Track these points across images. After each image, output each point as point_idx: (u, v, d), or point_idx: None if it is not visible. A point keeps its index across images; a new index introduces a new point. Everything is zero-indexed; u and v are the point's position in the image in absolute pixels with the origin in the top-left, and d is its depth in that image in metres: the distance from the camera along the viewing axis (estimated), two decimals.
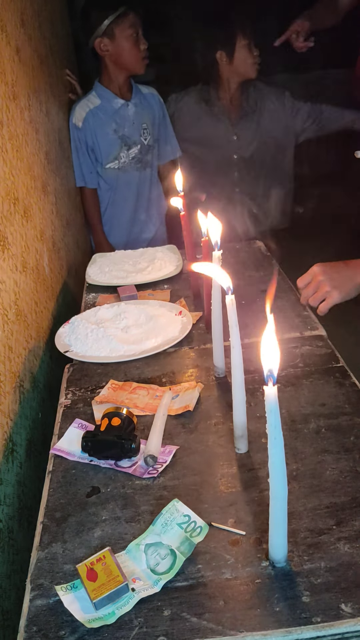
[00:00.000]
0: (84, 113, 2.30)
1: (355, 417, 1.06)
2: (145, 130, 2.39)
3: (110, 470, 1.00)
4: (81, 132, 2.31)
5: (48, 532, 0.89)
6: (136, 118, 2.36)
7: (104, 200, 2.45)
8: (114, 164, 2.37)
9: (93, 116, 2.30)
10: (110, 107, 2.32)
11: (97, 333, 1.38)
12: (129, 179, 2.42)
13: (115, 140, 2.35)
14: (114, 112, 2.33)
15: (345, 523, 0.84)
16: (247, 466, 0.98)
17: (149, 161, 2.44)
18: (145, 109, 2.40)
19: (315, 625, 0.71)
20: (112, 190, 2.43)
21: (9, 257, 1.27)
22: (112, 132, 2.34)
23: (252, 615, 0.73)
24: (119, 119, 2.34)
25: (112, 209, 2.47)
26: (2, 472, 1.09)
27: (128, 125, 2.35)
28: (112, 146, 2.35)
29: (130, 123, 2.35)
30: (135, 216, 2.48)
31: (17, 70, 1.49)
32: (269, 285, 0.73)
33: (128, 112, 2.34)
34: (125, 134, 2.35)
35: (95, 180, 2.41)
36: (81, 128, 2.30)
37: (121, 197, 2.44)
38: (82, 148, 2.33)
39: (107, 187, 2.42)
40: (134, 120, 2.35)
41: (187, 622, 0.73)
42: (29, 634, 0.74)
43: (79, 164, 2.35)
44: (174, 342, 1.36)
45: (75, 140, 2.32)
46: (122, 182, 2.42)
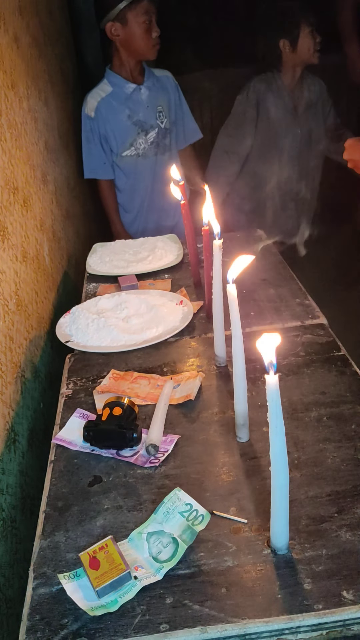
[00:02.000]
0: (96, 102, 2.23)
1: (356, 405, 1.06)
2: (161, 113, 2.30)
3: (112, 460, 1.00)
4: (94, 122, 2.24)
5: (50, 521, 0.89)
6: (150, 101, 2.28)
7: (124, 189, 2.38)
8: (130, 151, 2.30)
9: (105, 104, 2.23)
10: (123, 93, 2.24)
11: (97, 323, 1.38)
12: (148, 164, 2.33)
13: (131, 127, 2.27)
14: (126, 97, 2.24)
15: (346, 511, 0.85)
16: (249, 455, 0.98)
17: (167, 145, 2.36)
18: (160, 92, 2.32)
19: (317, 612, 0.71)
20: (130, 178, 2.36)
21: (9, 247, 1.27)
22: (126, 119, 2.26)
23: (254, 602, 0.73)
24: (132, 104, 2.25)
25: (131, 197, 2.40)
26: (4, 462, 1.09)
27: (142, 110, 2.27)
28: (127, 133, 2.27)
29: (144, 107, 2.27)
30: (154, 203, 2.40)
31: (15, 58, 1.48)
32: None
33: (141, 96, 2.26)
34: (140, 119, 2.27)
35: (110, 171, 2.33)
36: (94, 118, 2.23)
37: (140, 184, 2.37)
38: (94, 139, 2.27)
39: (124, 176, 2.35)
40: (148, 104, 2.27)
41: (189, 610, 0.73)
42: (32, 622, 0.74)
43: (90, 156, 2.29)
44: (175, 331, 1.36)
45: (87, 131, 2.27)
46: (140, 168, 2.34)
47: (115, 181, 2.37)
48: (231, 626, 0.71)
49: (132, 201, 2.40)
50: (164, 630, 0.71)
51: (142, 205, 2.41)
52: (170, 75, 2.37)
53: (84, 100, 2.27)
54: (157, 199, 2.39)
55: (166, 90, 2.35)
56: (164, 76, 2.36)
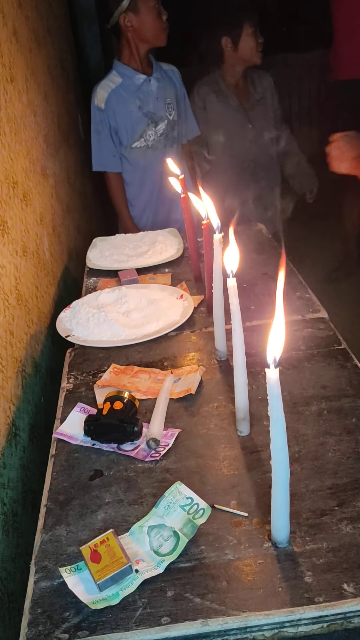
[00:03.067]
0: (106, 94, 2.20)
1: (357, 399, 1.06)
2: (169, 105, 2.30)
3: (112, 454, 1.01)
4: (104, 114, 2.21)
5: (52, 515, 0.90)
6: (160, 93, 2.27)
7: (132, 182, 2.36)
8: (140, 142, 2.28)
9: (116, 95, 2.21)
10: (133, 84, 2.22)
11: (98, 317, 1.38)
12: (158, 156, 2.29)
13: (141, 118, 2.25)
14: (136, 88, 2.23)
15: (347, 504, 0.85)
16: (249, 449, 0.98)
17: (175, 137, 2.35)
18: (168, 84, 2.31)
19: (317, 605, 0.71)
20: (139, 170, 2.33)
21: (9, 242, 1.26)
22: (137, 110, 2.24)
23: (255, 595, 0.73)
24: (143, 95, 2.24)
25: (139, 190, 2.38)
26: (5, 456, 1.09)
27: (152, 101, 2.26)
28: (137, 124, 2.25)
29: (154, 98, 2.26)
30: (163, 195, 2.37)
31: (14, 51, 1.47)
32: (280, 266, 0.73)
33: (151, 88, 2.25)
34: (150, 110, 2.26)
35: (119, 164, 2.31)
36: (104, 109, 2.20)
37: (149, 176, 2.34)
38: (104, 131, 2.24)
39: (133, 168, 2.33)
40: (158, 95, 2.26)
41: (190, 603, 0.73)
42: (34, 615, 0.74)
43: (100, 148, 2.27)
44: (176, 326, 1.36)
45: (97, 123, 2.24)
46: (149, 160, 2.31)
47: (123, 174, 2.34)
48: (232, 619, 0.71)
49: (140, 194, 2.38)
50: (165, 624, 0.71)
51: (150, 199, 2.38)
52: (176, 69, 2.37)
53: (93, 92, 2.23)
54: (166, 192, 2.31)
55: (173, 83, 2.34)
56: (170, 70, 2.35)
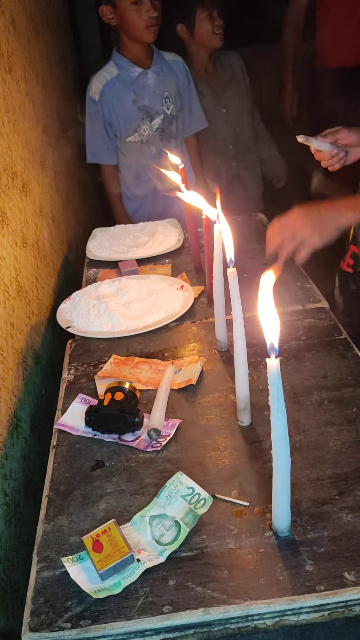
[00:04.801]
0: (101, 85, 2.14)
1: (357, 388, 1.07)
2: (167, 99, 2.23)
3: (114, 444, 1.01)
4: (98, 106, 2.16)
5: (54, 506, 0.90)
6: (157, 86, 2.20)
7: (128, 176, 2.32)
8: (134, 137, 2.23)
9: (110, 87, 2.15)
10: (128, 77, 2.16)
11: (98, 308, 1.38)
12: (153, 151, 2.24)
13: (135, 112, 2.19)
14: (132, 81, 2.16)
15: (347, 493, 0.85)
16: (250, 438, 0.98)
17: (173, 132, 2.28)
18: (168, 77, 2.23)
19: (318, 594, 0.72)
20: (134, 165, 2.28)
21: (9, 233, 1.26)
22: (131, 103, 2.18)
23: (256, 584, 0.74)
24: (138, 89, 2.17)
25: (135, 185, 2.33)
26: (7, 447, 1.10)
27: (148, 95, 2.19)
28: (131, 118, 2.19)
29: (150, 92, 2.19)
30: (165, 189, 2.34)
31: (12, 41, 1.46)
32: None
33: (147, 81, 2.18)
34: (145, 104, 2.19)
35: (113, 156, 2.27)
36: (98, 101, 2.15)
37: (144, 171, 2.29)
38: (98, 123, 2.20)
39: (128, 162, 2.28)
40: (154, 89, 2.19)
41: (192, 592, 0.74)
42: (36, 605, 0.75)
43: (94, 140, 2.23)
44: (176, 316, 1.36)
45: (90, 115, 2.20)
46: (145, 155, 2.26)
47: (120, 168, 2.31)
48: (233, 607, 0.71)
49: (136, 189, 2.34)
50: (167, 612, 0.72)
51: (147, 194, 2.34)
52: (181, 60, 2.29)
53: (89, 83, 2.19)
54: (161, 185, 2.26)
55: (175, 75, 2.27)
56: (173, 61, 2.27)
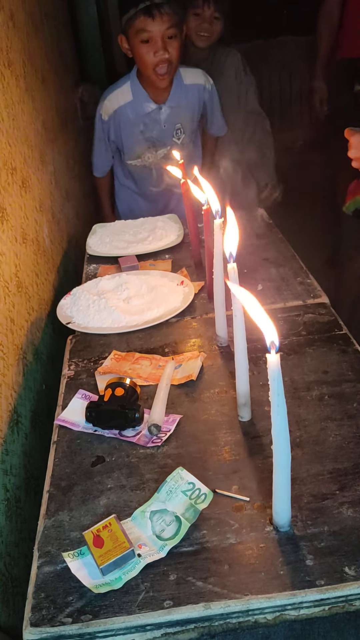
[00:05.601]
0: (112, 110, 2.06)
1: (358, 384, 1.07)
2: (178, 131, 2.13)
3: (114, 440, 1.01)
4: (105, 125, 2.10)
5: (54, 501, 0.90)
6: (169, 120, 2.09)
7: (133, 190, 2.29)
8: (137, 161, 2.16)
9: (121, 113, 2.07)
10: (141, 109, 2.06)
11: (98, 304, 1.38)
12: (156, 174, 2.18)
13: (142, 141, 2.12)
14: (144, 114, 2.07)
15: (348, 488, 0.85)
16: (251, 434, 0.98)
17: (183, 158, 2.24)
18: (183, 108, 2.11)
19: (319, 588, 0.72)
20: (133, 182, 2.26)
21: (9, 229, 1.26)
22: (139, 133, 2.10)
23: (257, 578, 0.74)
24: (149, 121, 2.08)
25: (137, 201, 2.31)
26: (7, 443, 1.10)
27: (158, 129, 2.10)
28: (137, 146, 2.12)
29: (160, 126, 2.10)
30: (156, 207, 2.27)
31: (11, 36, 1.46)
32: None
33: (160, 116, 2.08)
34: (153, 136, 2.11)
35: (109, 168, 2.25)
36: (106, 121, 2.09)
37: (146, 191, 2.26)
38: (104, 138, 2.15)
39: (133, 179, 2.25)
40: (166, 123, 2.09)
41: (192, 586, 0.74)
42: (37, 600, 0.75)
43: (100, 155, 2.19)
44: (176, 312, 1.36)
45: (98, 131, 2.14)
46: (146, 176, 2.21)
47: (120, 179, 2.29)
48: (234, 602, 0.72)
49: (130, 202, 2.33)
50: (168, 607, 0.72)
51: (149, 212, 2.25)
52: (203, 82, 2.13)
53: (102, 98, 2.10)
54: (166, 206, 2.27)
55: (193, 102, 2.14)
56: (194, 85, 2.12)
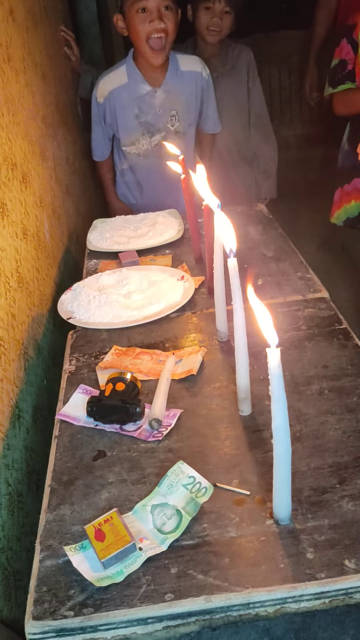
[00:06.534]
0: (107, 91, 2.08)
1: (358, 378, 1.07)
2: (173, 117, 2.13)
3: (115, 434, 1.01)
4: (101, 107, 2.12)
5: (56, 495, 0.91)
6: (164, 105, 2.10)
7: (124, 179, 2.29)
8: (131, 148, 2.18)
9: (116, 95, 2.07)
10: (136, 91, 2.07)
11: (99, 299, 1.38)
12: (151, 164, 2.20)
13: (136, 126, 2.13)
14: (138, 96, 2.07)
15: (348, 481, 0.85)
16: (251, 428, 0.99)
17: (177, 146, 2.23)
18: (179, 94, 2.11)
19: (319, 581, 0.72)
20: (129, 171, 2.26)
21: (9, 224, 1.26)
22: (133, 117, 2.11)
23: (257, 571, 0.74)
24: (143, 105, 2.09)
25: (135, 190, 2.31)
26: (9, 437, 1.10)
27: (153, 113, 2.11)
28: (131, 130, 2.14)
29: (155, 111, 2.10)
30: (160, 201, 2.22)
31: (11, 31, 1.46)
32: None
33: (155, 100, 2.08)
34: (148, 121, 2.12)
35: (109, 151, 2.25)
36: (101, 104, 2.10)
37: (142, 180, 2.26)
38: (101, 122, 2.16)
39: (130, 168, 2.25)
40: (160, 108, 2.10)
41: (193, 580, 0.74)
42: (39, 593, 0.75)
43: (99, 139, 2.20)
44: (177, 307, 1.36)
45: (95, 114, 2.15)
46: (142, 166, 2.22)
47: (123, 171, 2.29)
48: (235, 595, 0.72)
49: (136, 193, 2.33)
50: (169, 600, 0.72)
51: (145, 201, 2.30)
52: (200, 69, 2.13)
53: (98, 80, 2.12)
54: (162, 197, 2.25)
55: (190, 89, 2.14)
56: (191, 72, 2.12)
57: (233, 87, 2.47)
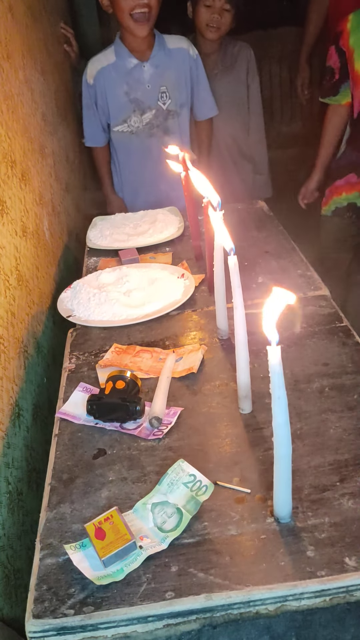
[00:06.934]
0: (95, 70, 2.10)
1: (358, 376, 1.07)
2: (164, 94, 2.13)
3: (115, 433, 1.01)
4: (91, 89, 2.13)
5: (56, 494, 0.90)
6: (153, 81, 2.11)
7: (117, 165, 2.29)
8: (122, 126, 2.17)
9: (105, 73, 2.09)
10: (124, 67, 2.09)
11: (99, 297, 1.38)
12: (141, 144, 2.19)
13: (126, 103, 2.13)
14: (126, 72, 2.09)
15: (348, 479, 0.85)
16: (252, 426, 0.99)
17: (171, 128, 2.20)
18: (168, 70, 2.12)
19: (320, 579, 0.72)
20: (122, 154, 2.25)
21: (9, 222, 1.26)
22: (123, 94, 2.12)
23: (258, 569, 0.74)
24: (132, 81, 2.10)
25: (124, 175, 2.30)
26: (9, 436, 1.10)
27: (142, 89, 2.12)
28: (122, 108, 2.14)
29: (144, 86, 2.11)
30: (150, 185, 2.27)
31: (10, 28, 1.45)
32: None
33: (143, 75, 2.10)
34: (138, 97, 2.12)
35: (106, 138, 2.25)
36: (92, 85, 2.12)
37: (132, 162, 2.26)
38: (92, 105, 2.17)
39: (116, 150, 2.25)
40: (150, 83, 2.11)
41: (194, 578, 0.74)
42: (40, 592, 0.75)
43: (90, 123, 2.20)
44: (177, 305, 1.36)
45: (86, 98, 2.16)
46: (132, 146, 2.21)
47: (112, 156, 2.30)
48: (235, 593, 0.72)
49: (126, 179, 2.32)
50: (170, 598, 0.72)
51: (135, 186, 2.31)
52: (187, 47, 2.16)
53: (87, 65, 2.15)
54: (153, 182, 2.26)
55: (178, 66, 2.15)
56: (178, 49, 2.14)
57: (232, 84, 2.46)
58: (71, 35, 2.31)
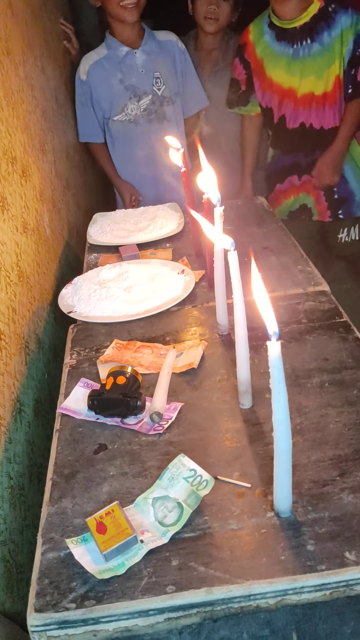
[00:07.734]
0: (88, 66, 2.18)
1: (358, 371, 1.07)
2: (158, 80, 2.21)
3: (116, 428, 1.02)
4: (85, 85, 2.20)
5: (58, 488, 0.91)
6: (146, 66, 2.19)
7: (115, 156, 2.33)
8: (121, 115, 2.23)
9: (98, 67, 2.18)
10: (116, 56, 2.18)
11: (100, 293, 1.38)
12: (140, 131, 2.25)
13: (122, 91, 2.20)
14: (119, 60, 2.18)
15: (348, 474, 0.86)
16: (252, 421, 0.99)
17: (167, 115, 2.26)
18: (159, 57, 2.21)
19: (320, 573, 0.72)
20: (121, 144, 2.29)
21: (9, 218, 1.26)
22: (118, 82, 2.19)
23: (258, 563, 0.75)
24: (125, 68, 2.18)
25: (122, 166, 2.34)
26: (11, 431, 1.10)
27: (136, 75, 2.20)
28: (118, 97, 2.21)
29: (137, 72, 2.19)
30: (149, 174, 2.32)
31: (10, 24, 1.45)
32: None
33: (135, 61, 2.18)
34: (133, 84, 2.20)
35: (102, 135, 2.30)
36: (85, 81, 2.19)
37: (130, 151, 2.30)
38: (87, 102, 2.22)
39: (114, 141, 2.29)
40: (143, 68, 2.19)
41: (194, 572, 0.75)
42: (42, 586, 0.76)
43: (84, 120, 2.25)
44: (177, 301, 1.36)
45: (80, 94, 2.22)
46: (131, 135, 2.26)
47: (110, 149, 2.33)
48: (236, 587, 0.72)
49: (123, 170, 2.35)
50: (171, 592, 0.73)
51: (135, 176, 2.34)
52: (175, 40, 2.25)
53: (80, 63, 2.23)
54: (152, 170, 2.30)
55: (168, 55, 2.24)
56: (167, 41, 2.24)
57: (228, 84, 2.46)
58: (71, 31, 2.32)
